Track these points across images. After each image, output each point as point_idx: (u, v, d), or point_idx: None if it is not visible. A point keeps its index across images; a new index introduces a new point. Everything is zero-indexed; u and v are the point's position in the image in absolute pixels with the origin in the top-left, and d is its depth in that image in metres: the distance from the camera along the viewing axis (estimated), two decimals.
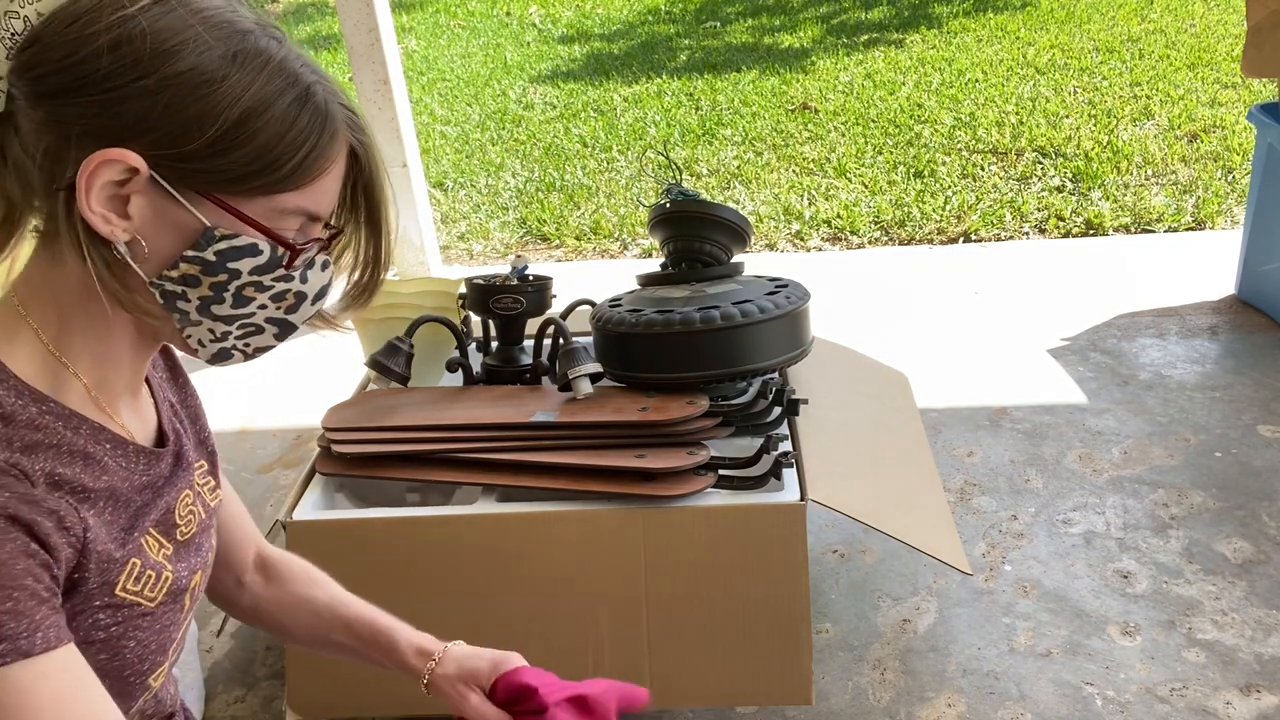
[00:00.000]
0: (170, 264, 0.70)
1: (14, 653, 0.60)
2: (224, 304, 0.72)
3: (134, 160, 0.66)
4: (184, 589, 0.82)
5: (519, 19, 7.56)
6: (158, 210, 0.68)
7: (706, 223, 1.74)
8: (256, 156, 0.68)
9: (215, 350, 0.76)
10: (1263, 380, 2.40)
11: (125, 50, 0.65)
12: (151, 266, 0.70)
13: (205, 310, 0.72)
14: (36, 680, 0.62)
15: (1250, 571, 1.80)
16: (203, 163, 0.67)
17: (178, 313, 0.72)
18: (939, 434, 2.29)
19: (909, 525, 1.49)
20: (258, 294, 0.73)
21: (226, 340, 0.76)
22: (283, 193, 0.71)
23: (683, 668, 1.44)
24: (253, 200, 0.70)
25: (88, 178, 0.65)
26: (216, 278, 0.71)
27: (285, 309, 0.76)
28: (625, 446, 1.46)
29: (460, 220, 4.08)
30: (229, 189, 0.69)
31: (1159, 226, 3.41)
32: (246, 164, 0.68)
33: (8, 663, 0.60)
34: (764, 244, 3.60)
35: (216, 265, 0.70)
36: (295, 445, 2.49)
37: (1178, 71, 4.85)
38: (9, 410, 0.67)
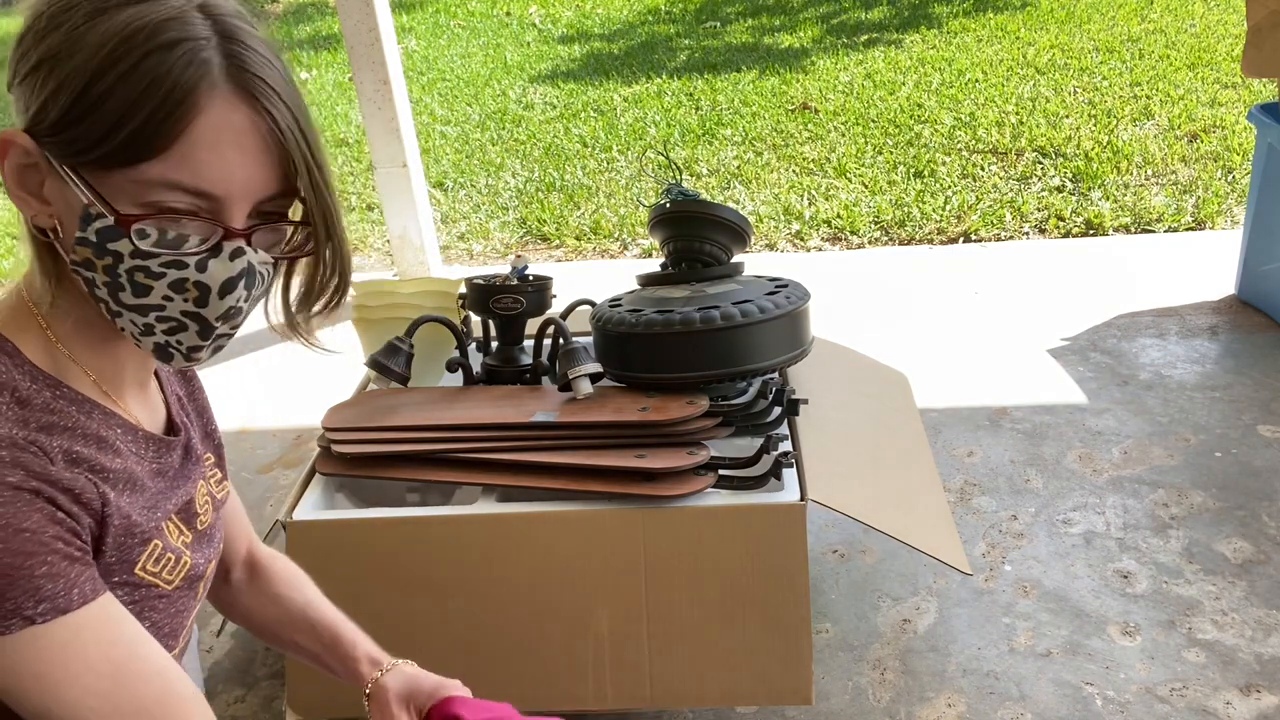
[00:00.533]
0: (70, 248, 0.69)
1: (53, 611, 0.63)
2: (126, 291, 0.69)
3: (21, 140, 0.66)
4: (200, 576, 0.84)
5: (519, 19, 7.56)
6: (60, 192, 0.68)
7: (706, 223, 1.74)
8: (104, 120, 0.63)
9: (151, 345, 0.72)
10: (1263, 380, 2.40)
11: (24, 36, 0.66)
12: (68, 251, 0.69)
13: (115, 299, 0.69)
14: (78, 632, 0.65)
15: (1250, 571, 1.80)
16: (64, 134, 0.65)
17: (100, 302, 0.70)
18: (939, 434, 2.29)
19: (909, 525, 1.49)
20: (152, 281, 0.68)
21: (154, 334, 0.71)
22: (141, 162, 0.64)
23: (683, 668, 1.44)
24: (111, 174, 0.65)
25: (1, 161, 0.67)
26: (104, 260, 0.67)
27: (193, 301, 0.70)
28: (625, 446, 1.46)
29: (460, 220, 4.08)
30: (90, 162, 0.65)
31: (1159, 226, 3.41)
32: (96, 130, 0.64)
33: (48, 620, 0.63)
34: (764, 244, 3.60)
35: (99, 247, 0.67)
36: (295, 445, 2.49)
37: (1178, 71, 4.85)
38: (25, 394, 0.68)
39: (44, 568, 0.63)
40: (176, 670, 0.72)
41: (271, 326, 0.80)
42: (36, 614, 0.63)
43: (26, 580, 0.62)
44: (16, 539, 0.62)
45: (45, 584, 0.63)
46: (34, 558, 0.63)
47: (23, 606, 0.62)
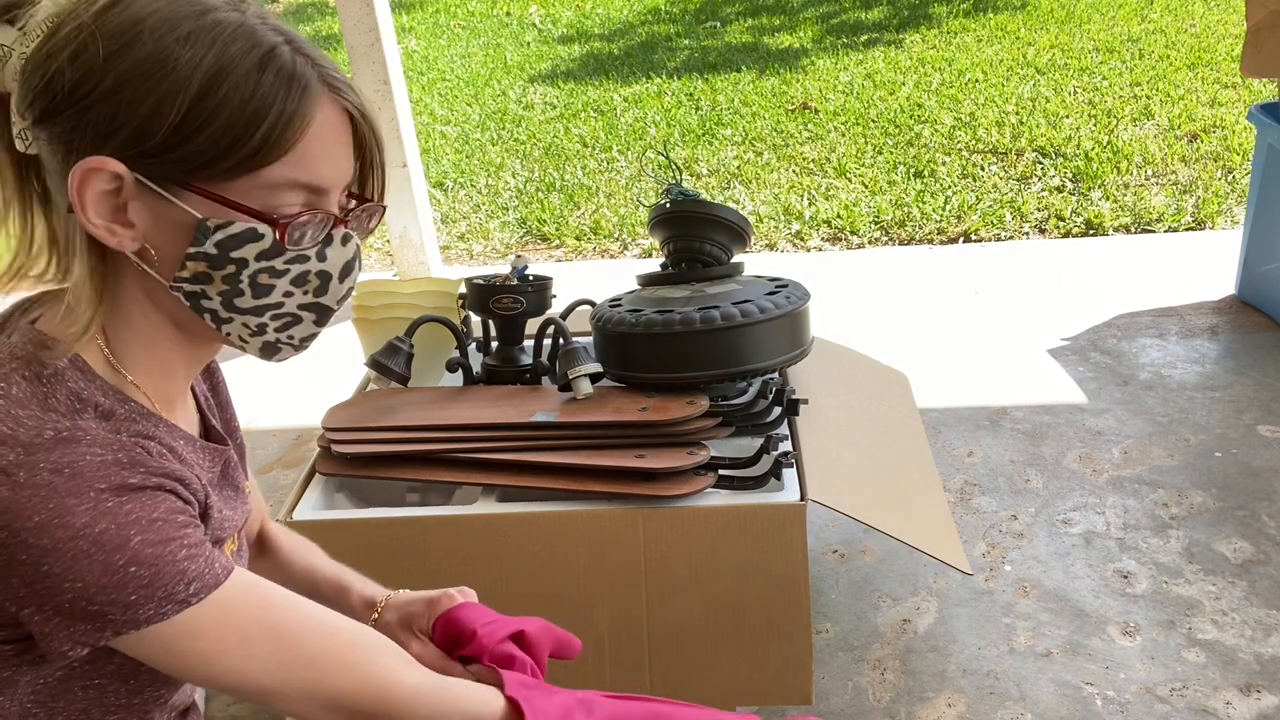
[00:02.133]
0: (179, 264, 0.69)
1: (204, 589, 0.65)
2: (245, 296, 0.71)
3: (112, 165, 0.65)
4: None
5: (519, 19, 7.56)
6: (155, 212, 0.67)
7: (706, 223, 1.74)
8: (222, 133, 0.66)
9: (260, 345, 0.76)
10: (1263, 380, 2.40)
11: (83, 58, 0.64)
12: (166, 270, 0.69)
13: (230, 305, 0.71)
14: (229, 605, 0.67)
15: (1250, 571, 1.80)
16: (174, 152, 0.65)
17: (206, 313, 0.71)
18: (939, 434, 2.29)
19: (909, 525, 1.49)
20: (275, 280, 0.71)
21: (265, 333, 0.74)
22: (264, 167, 0.67)
23: (683, 668, 1.44)
24: (235, 182, 0.67)
25: (78, 192, 0.65)
26: (225, 270, 0.69)
27: (314, 291, 0.74)
28: (625, 446, 1.46)
29: (460, 220, 4.08)
30: (207, 175, 0.66)
31: (1159, 226, 3.41)
32: (214, 144, 0.66)
33: (202, 598, 0.65)
34: (764, 244, 3.60)
35: (220, 258, 0.68)
36: (295, 445, 2.49)
37: (1178, 71, 4.85)
38: (107, 407, 0.69)
39: (184, 550, 0.65)
40: (334, 617, 0.73)
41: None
42: (190, 595, 0.64)
43: (171, 565, 0.64)
44: (153, 529, 0.63)
45: (189, 565, 0.65)
46: (173, 543, 0.64)
47: (175, 592, 0.64)
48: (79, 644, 0.63)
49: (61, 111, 0.65)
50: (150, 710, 0.78)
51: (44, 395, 0.65)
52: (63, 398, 0.66)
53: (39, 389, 0.66)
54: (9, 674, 0.68)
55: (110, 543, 0.61)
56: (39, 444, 0.62)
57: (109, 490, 0.62)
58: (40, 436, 0.62)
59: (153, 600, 0.63)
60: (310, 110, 0.68)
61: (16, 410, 0.63)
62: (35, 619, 0.62)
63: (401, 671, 0.72)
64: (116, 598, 0.62)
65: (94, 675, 0.71)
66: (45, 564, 0.60)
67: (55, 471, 0.61)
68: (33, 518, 0.60)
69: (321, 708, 0.70)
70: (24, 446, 0.61)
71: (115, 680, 0.72)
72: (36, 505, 0.60)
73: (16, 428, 0.62)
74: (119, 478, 0.63)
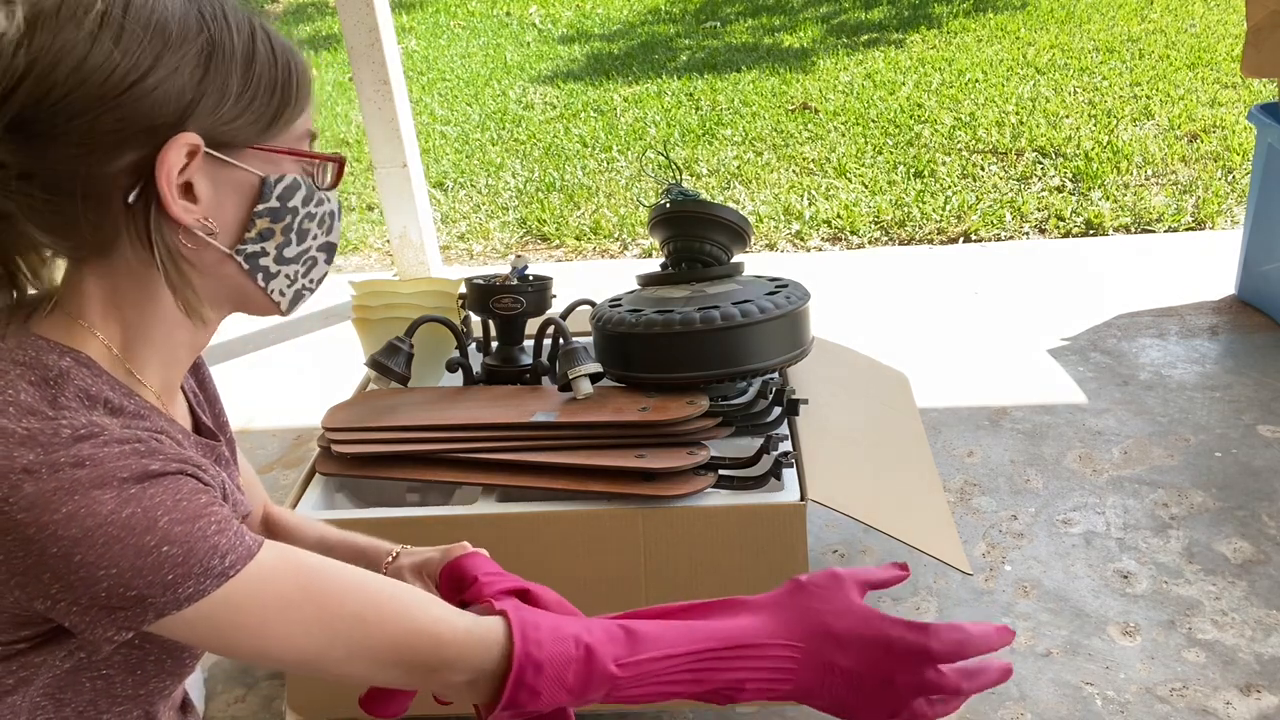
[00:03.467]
0: (246, 226, 0.73)
1: (239, 560, 0.65)
2: (292, 245, 0.76)
3: (193, 139, 0.67)
4: None
5: (519, 19, 7.56)
6: (216, 182, 0.70)
7: (706, 223, 1.74)
8: (272, 91, 0.71)
9: (292, 295, 0.79)
10: (1263, 380, 2.40)
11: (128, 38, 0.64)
12: (227, 238, 0.72)
13: (280, 258, 0.76)
14: (264, 574, 0.67)
15: (1250, 571, 1.80)
16: (241, 117, 0.70)
17: (260, 271, 0.75)
18: (939, 434, 2.29)
19: (909, 525, 1.49)
20: (310, 224, 0.77)
21: (298, 281, 0.78)
22: (299, 117, 0.74)
23: None
24: (282, 136, 0.73)
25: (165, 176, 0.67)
26: (284, 221, 0.74)
27: (327, 231, 0.79)
28: (625, 446, 1.46)
29: (460, 220, 4.08)
30: (267, 134, 0.72)
31: (1159, 226, 3.41)
32: (268, 102, 0.71)
33: (238, 570, 0.65)
34: (764, 244, 3.60)
35: (281, 209, 0.74)
36: (295, 445, 2.49)
37: (1178, 71, 4.85)
38: (116, 403, 0.69)
39: (214, 525, 0.64)
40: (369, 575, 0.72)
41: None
42: (227, 567, 0.64)
43: (203, 541, 0.63)
44: (179, 508, 0.63)
45: (220, 539, 0.64)
46: (201, 519, 0.64)
47: (211, 567, 0.64)
48: (123, 629, 0.63)
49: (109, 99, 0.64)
50: (155, 701, 0.78)
51: (53, 396, 0.65)
52: (71, 396, 0.66)
53: (47, 391, 0.65)
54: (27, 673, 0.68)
55: (139, 525, 0.62)
56: (58, 442, 0.62)
57: (132, 479, 0.63)
58: (58, 435, 0.62)
59: (190, 577, 0.63)
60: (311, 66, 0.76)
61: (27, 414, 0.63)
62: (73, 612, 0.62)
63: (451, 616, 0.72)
64: (154, 579, 0.62)
65: (102, 666, 0.71)
66: (77, 554, 0.60)
67: (77, 465, 0.61)
68: (60, 510, 0.60)
69: (374, 664, 0.70)
70: (43, 446, 0.62)
71: (123, 671, 0.73)
72: (62, 498, 0.60)
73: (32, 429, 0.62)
74: (140, 466, 0.64)
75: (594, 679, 0.71)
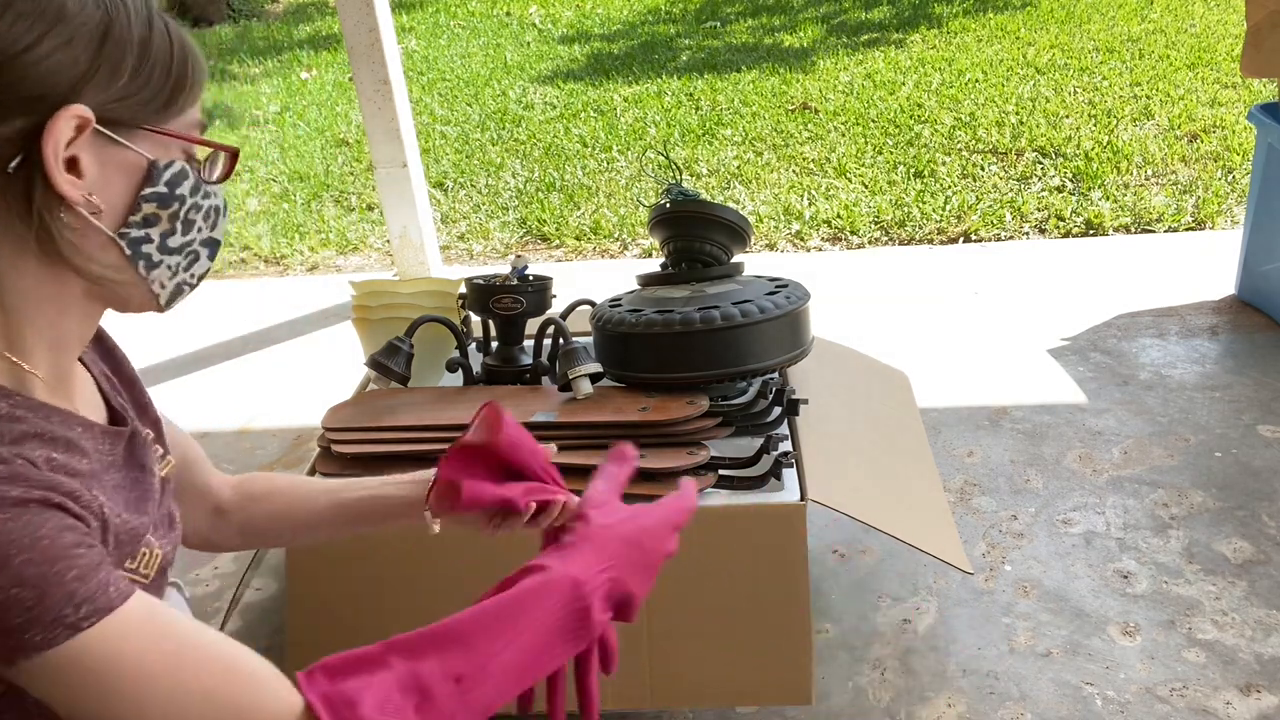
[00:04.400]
0: (131, 209, 0.70)
1: (95, 612, 0.60)
2: (176, 234, 0.73)
3: (82, 112, 0.65)
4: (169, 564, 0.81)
5: (519, 19, 7.56)
6: (104, 161, 0.68)
7: (706, 223, 1.74)
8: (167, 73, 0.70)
9: (172, 288, 0.76)
10: (1263, 380, 2.40)
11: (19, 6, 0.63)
12: (111, 219, 0.70)
13: (164, 247, 0.73)
14: (124, 631, 0.62)
15: (1250, 571, 1.80)
16: (135, 96, 0.68)
17: (142, 259, 0.72)
18: (939, 434, 2.29)
19: (909, 525, 1.49)
20: (195, 216, 0.74)
21: (179, 274, 0.76)
22: (192, 105, 0.73)
23: (683, 668, 1.44)
24: (175, 122, 0.72)
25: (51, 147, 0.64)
26: (171, 208, 0.72)
27: (210, 226, 0.77)
28: None
29: (460, 220, 4.08)
30: (160, 116, 0.70)
31: (1159, 226, 3.41)
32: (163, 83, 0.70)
33: (93, 623, 0.60)
34: (764, 244, 3.60)
35: (169, 195, 0.71)
36: (295, 445, 2.49)
37: (1178, 71, 4.85)
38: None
39: (73, 572, 0.60)
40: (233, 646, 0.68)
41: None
42: (80, 619, 0.60)
43: (59, 587, 0.59)
44: (37, 549, 0.59)
45: (79, 587, 0.60)
46: (60, 563, 0.60)
47: (64, 615, 0.59)
48: None
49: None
50: None
51: None
52: None
53: None
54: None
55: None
56: None
57: None
58: None
59: (38, 625, 0.58)
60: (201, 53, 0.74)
61: None
62: None
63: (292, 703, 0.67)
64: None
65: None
66: None
67: None
68: None
69: None
70: None
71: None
72: None
73: None
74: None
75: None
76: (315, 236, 4.03)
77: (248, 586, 1.95)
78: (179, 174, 0.72)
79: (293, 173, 4.72)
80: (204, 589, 1.98)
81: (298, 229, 4.10)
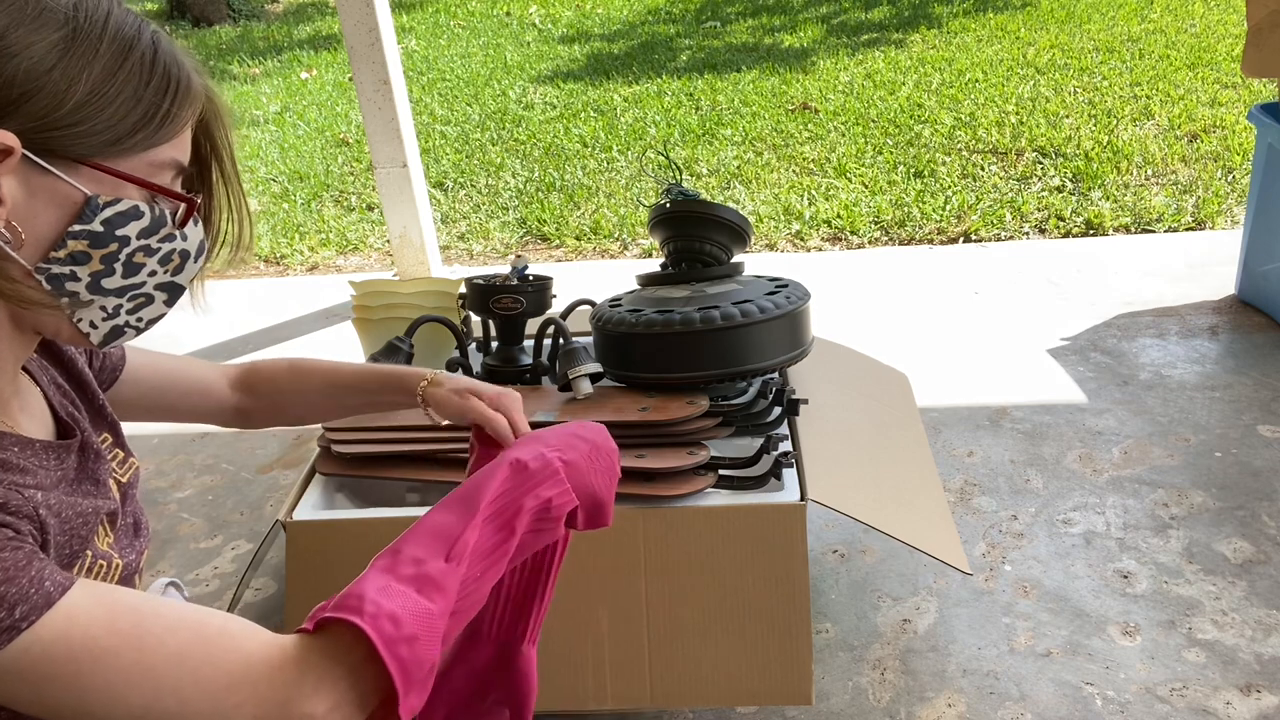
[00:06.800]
0: (55, 244, 0.66)
1: (34, 610, 0.59)
2: (114, 276, 0.69)
3: (7, 139, 0.62)
4: (134, 572, 0.81)
5: (519, 19, 7.56)
6: (31, 189, 0.64)
7: (706, 223, 1.74)
8: (132, 107, 0.66)
9: (107, 330, 0.72)
10: (1263, 380, 2.40)
11: None
12: (33, 251, 0.66)
13: (96, 288, 0.69)
14: (72, 620, 0.61)
15: (1250, 571, 1.80)
16: (78, 128, 0.64)
17: (67, 296, 0.68)
18: (939, 434, 2.29)
19: (909, 525, 1.49)
20: (147, 259, 0.70)
21: (118, 316, 0.72)
22: (159, 145, 0.68)
23: (683, 668, 1.44)
24: (131, 159, 0.67)
25: None
26: (107, 249, 0.68)
27: (172, 271, 0.73)
28: (625, 446, 1.46)
29: (460, 220, 4.08)
30: (111, 151, 0.66)
31: (1159, 226, 3.41)
32: (121, 118, 0.66)
33: (34, 620, 0.59)
34: (764, 244, 3.60)
35: (105, 235, 0.67)
36: (295, 445, 2.49)
37: (1178, 71, 4.85)
38: None
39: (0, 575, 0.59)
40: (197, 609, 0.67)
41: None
42: (17, 620, 0.58)
43: None
44: None
45: (9, 590, 0.59)
46: None
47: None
48: None
49: None
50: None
51: None
52: None
53: None
54: None
55: None
56: None
57: None
58: None
59: None
60: (197, 95, 0.71)
61: None
62: None
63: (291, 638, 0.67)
64: None
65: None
66: None
67: None
68: None
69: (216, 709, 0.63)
70: None
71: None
72: None
73: None
74: None
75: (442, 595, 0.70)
76: (315, 236, 4.03)
77: (248, 586, 1.95)
78: (126, 213, 0.68)
79: (293, 173, 4.72)
80: (204, 589, 1.98)
81: (298, 229, 4.10)
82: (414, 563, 0.70)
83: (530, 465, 0.80)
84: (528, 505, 0.78)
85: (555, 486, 0.80)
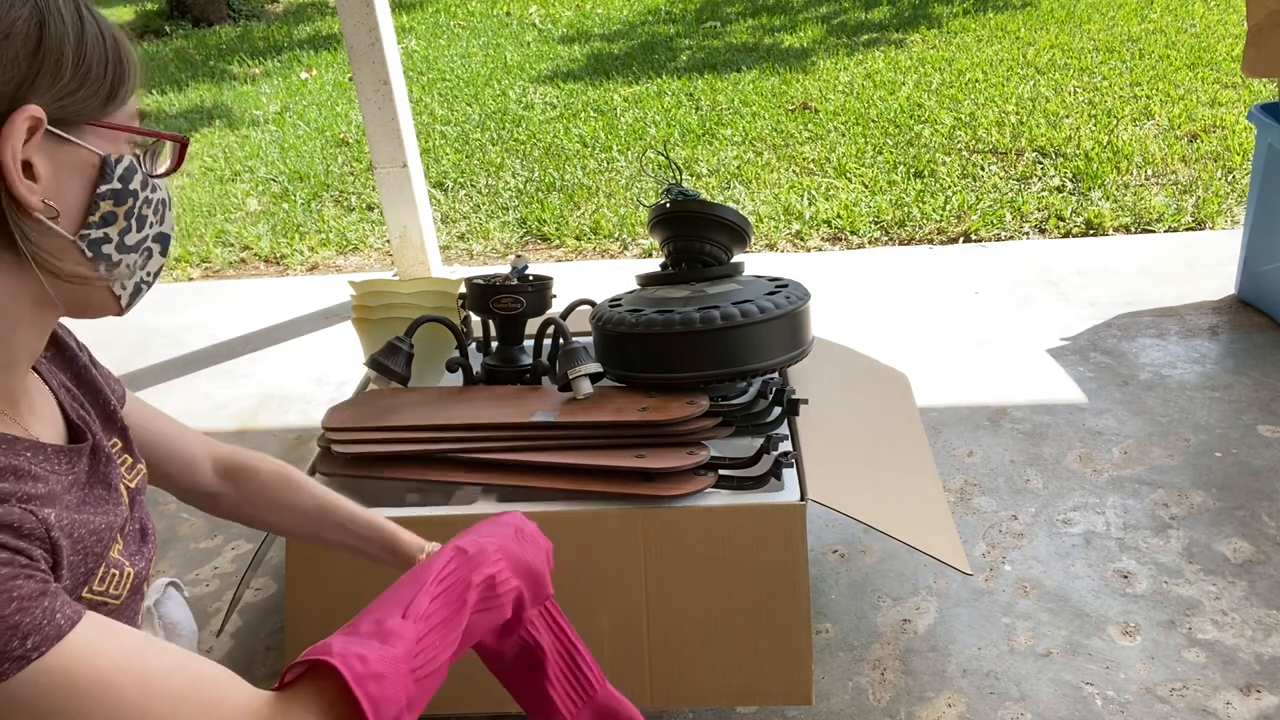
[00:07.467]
0: (90, 209, 0.68)
1: (45, 641, 0.59)
2: (132, 231, 0.71)
3: (36, 113, 0.63)
4: (143, 579, 0.80)
5: (519, 19, 7.56)
6: (56, 162, 0.66)
7: (706, 223, 1.74)
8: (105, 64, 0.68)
9: (131, 289, 0.74)
10: (1263, 380, 2.40)
11: None
12: (70, 222, 0.67)
13: (122, 246, 0.71)
14: (79, 655, 0.61)
15: (1250, 571, 1.80)
16: (80, 91, 0.66)
17: (103, 260, 0.70)
18: (939, 434, 2.29)
19: (909, 525, 1.49)
20: (147, 210, 0.72)
21: (136, 272, 0.74)
22: (132, 95, 0.71)
23: (683, 668, 1.44)
24: (119, 113, 0.70)
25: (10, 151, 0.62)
26: (126, 204, 0.70)
27: (160, 220, 0.75)
28: (625, 446, 1.46)
29: (460, 220, 4.08)
30: (105, 110, 0.69)
31: (1159, 226, 3.41)
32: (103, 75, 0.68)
33: (43, 652, 0.59)
34: (764, 244, 3.60)
35: (124, 191, 0.70)
36: (295, 445, 2.49)
37: (1178, 71, 4.85)
38: None
39: (13, 605, 0.59)
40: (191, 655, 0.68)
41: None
42: (28, 650, 0.59)
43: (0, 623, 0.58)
44: None
45: (23, 619, 0.59)
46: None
47: (10, 649, 0.58)
48: None
49: None
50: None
51: None
52: None
53: None
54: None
55: None
56: None
57: None
58: None
59: None
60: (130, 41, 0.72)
61: None
62: None
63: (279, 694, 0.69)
64: None
65: None
66: None
67: None
68: None
69: None
70: None
71: None
72: None
73: None
74: None
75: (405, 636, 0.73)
76: (315, 236, 4.03)
77: (248, 586, 1.95)
78: (129, 168, 0.70)
79: (293, 173, 4.72)
80: (204, 589, 1.98)
81: (298, 229, 4.10)
82: (373, 623, 0.75)
83: (469, 550, 0.84)
84: (475, 580, 0.82)
85: (495, 565, 0.85)
